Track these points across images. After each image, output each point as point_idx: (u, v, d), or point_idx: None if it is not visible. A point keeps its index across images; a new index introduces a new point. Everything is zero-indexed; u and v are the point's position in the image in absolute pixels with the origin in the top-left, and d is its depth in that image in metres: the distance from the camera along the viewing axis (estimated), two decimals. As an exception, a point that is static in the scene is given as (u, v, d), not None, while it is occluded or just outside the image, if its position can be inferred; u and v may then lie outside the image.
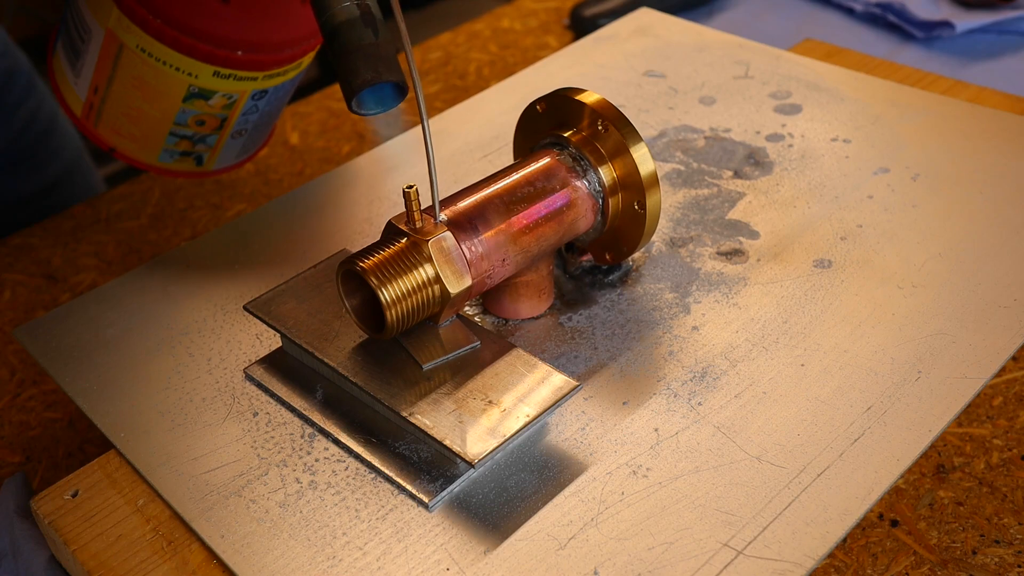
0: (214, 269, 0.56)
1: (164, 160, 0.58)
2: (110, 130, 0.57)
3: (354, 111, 0.43)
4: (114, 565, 0.41)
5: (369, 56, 0.41)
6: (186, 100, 0.54)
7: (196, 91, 0.54)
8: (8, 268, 0.70)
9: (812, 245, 0.53)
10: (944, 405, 0.43)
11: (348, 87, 0.41)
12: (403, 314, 0.42)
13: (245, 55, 0.53)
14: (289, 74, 0.57)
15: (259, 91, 0.56)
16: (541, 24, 0.97)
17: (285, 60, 0.55)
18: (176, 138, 0.57)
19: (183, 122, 0.56)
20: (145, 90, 0.54)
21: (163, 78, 0.53)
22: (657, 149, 0.62)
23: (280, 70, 0.56)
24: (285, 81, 0.57)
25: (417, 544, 0.39)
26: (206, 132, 0.57)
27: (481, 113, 0.68)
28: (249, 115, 0.57)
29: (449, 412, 0.41)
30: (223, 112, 0.56)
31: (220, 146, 0.59)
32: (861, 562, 0.45)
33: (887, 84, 0.67)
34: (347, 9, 0.42)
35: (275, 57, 0.55)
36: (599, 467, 0.42)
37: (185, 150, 0.58)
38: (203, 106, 0.55)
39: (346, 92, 0.42)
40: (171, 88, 0.54)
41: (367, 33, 0.41)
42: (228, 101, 0.55)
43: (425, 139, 0.42)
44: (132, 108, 0.55)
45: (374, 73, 0.41)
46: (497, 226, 0.45)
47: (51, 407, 0.58)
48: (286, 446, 0.44)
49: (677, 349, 0.47)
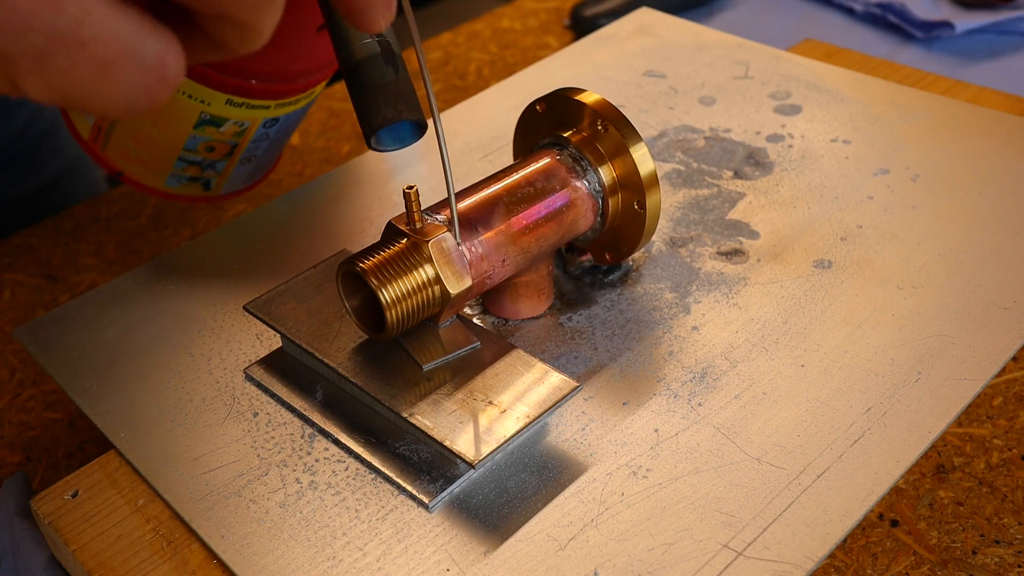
0: (214, 269, 0.56)
1: (171, 184, 0.58)
2: (118, 154, 0.57)
3: (372, 148, 0.43)
4: (114, 565, 0.41)
5: (389, 94, 0.41)
6: (197, 127, 0.54)
7: (207, 118, 0.53)
8: (8, 268, 0.70)
9: (812, 245, 0.53)
10: (944, 406, 0.43)
11: (368, 124, 0.41)
12: (403, 315, 0.42)
13: (259, 84, 0.52)
14: (301, 102, 0.57)
15: (271, 119, 0.55)
16: (541, 24, 0.97)
17: (298, 89, 0.55)
18: (185, 163, 0.56)
19: (193, 148, 0.55)
20: (156, 116, 0.53)
21: (175, 104, 0.53)
22: (657, 149, 0.62)
23: (293, 99, 0.55)
24: (297, 109, 0.57)
25: (417, 545, 0.39)
26: (215, 158, 0.57)
27: (481, 113, 0.68)
28: (259, 142, 0.57)
29: (449, 413, 0.41)
30: (234, 139, 0.56)
31: (229, 172, 0.58)
32: (861, 562, 0.45)
33: (887, 84, 0.67)
34: (368, 46, 0.42)
35: (289, 87, 0.54)
36: (599, 468, 0.42)
37: (193, 175, 0.58)
38: (214, 133, 0.55)
39: (365, 129, 0.42)
40: (182, 114, 0.53)
41: (387, 71, 0.41)
42: (239, 128, 0.55)
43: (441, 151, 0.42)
44: (141, 133, 0.55)
45: (394, 112, 0.41)
46: (497, 226, 0.45)
47: (51, 407, 0.58)
48: (286, 446, 0.44)
49: (677, 349, 0.47)
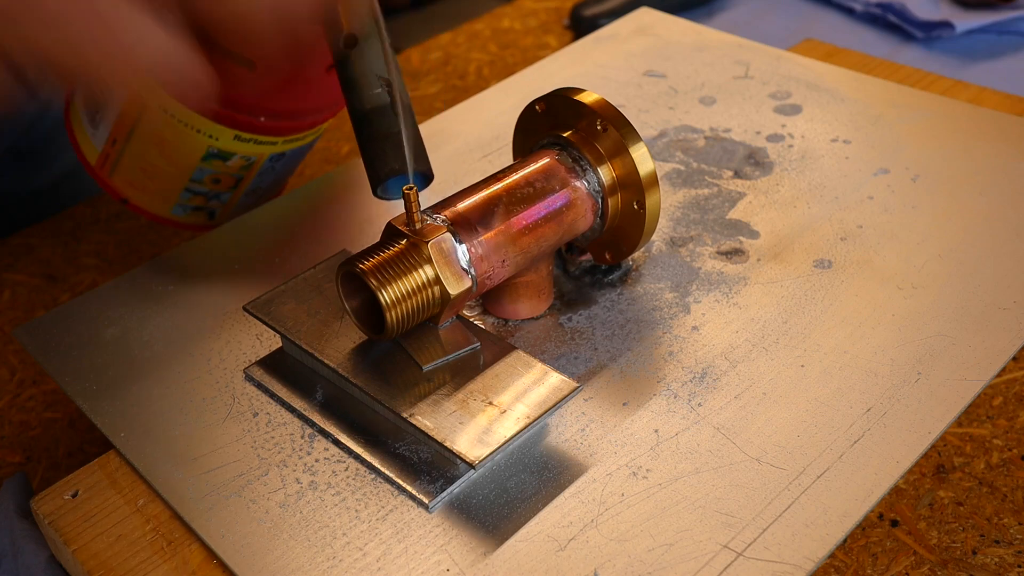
0: (214, 269, 0.56)
1: (176, 213, 0.58)
2: (124, 182, 0.57)
3: (379, 196, 0.43)
4: (114, 565, 0.41)
5: (397, 145, 0.41)
6: (204, 160, 0.54)
7: (215, 152, 0.54)
8: (8, 268, 0.70)
9: (812, 245, 0.53)
10: (944, 407, 0.43)
11: (375, 174, 0.41)
12: (403, 315, 0.42)
13: (267, 122, 0.53)
14: (308, 138, 0.57)
15: (277, 154, 0.56)
16: (541, 24, 0.97)
17: (306, 127, 0.55)
18: (191, 194, 0.57)
19: (200, 179, 0.56)
20: (164, 147, 0.54)
21: (183, 138, 0.53)
22: (657, 149, 0.62)
23: (300, 135, 0.55)
24: (303, 144, 0.57)
25: (417, 545, 0.39)
26: (221, 190, 0.57)
27: (481, 113, 0.68)
28: (265, 175, 0.57)
29: (449, 413, 0.41)
30: (240, 172, 0.56)
31: (233, 203, 0.59)
32: (861, 562, 0.45)
33: (887, 84, 0.67)
34: (378, 96, 0.42)
35: (297, 124, 0.54)
36: (599, 468, 0.42)
37: (198, 205, 0.58)
38: (221, 166, 0.55)
39: (372, 178, 0.42)
40: (190, 148, 0.53)
41: (395, 121, 0.41)
42: (246, 163, 0.55)
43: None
44: (149, 163, 0.55)
45: (401, 163, 0.41)
46: (497, 227, 0.45)
47: (51, 407, 0.58)
48: (286, 446, 0.44)
49: (677, 349, 0.47)
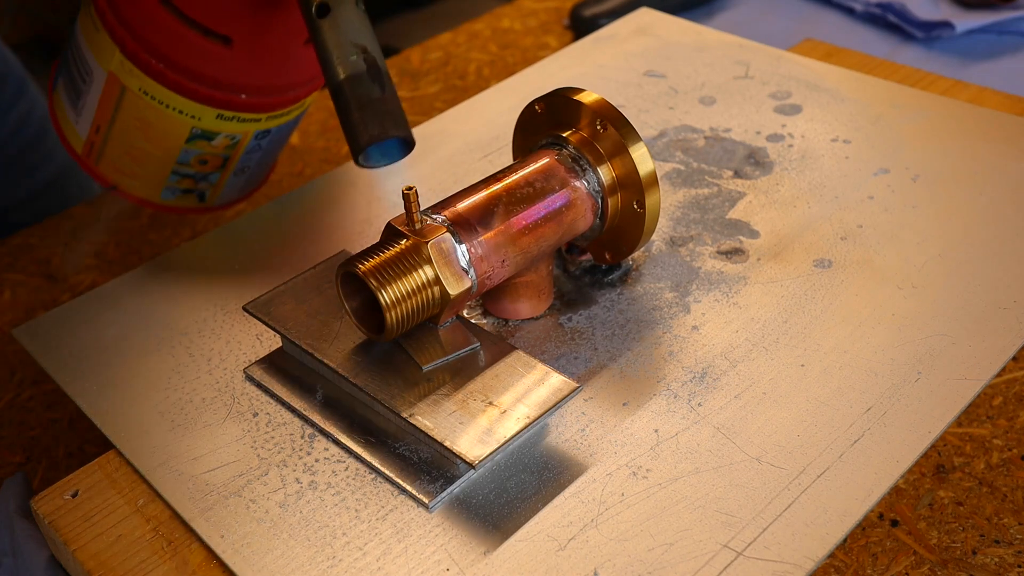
0: (214, 269, 0.56)
1: (166, 197, 0.58)
2: (112, 168, 0.57)
3: (360, 164, 0.42)
4: (114, 565, 0.41)
5: (376, 111, 0.41)
6: (189, 141, 0.54)
7: (199, 132, 0.54)
8: (8, 268, 0.70)
9: (812, 245, 0.53)
10: (944, 407, 0.43)
11: (355, 142, 0.41)
12: (403, 316, 0.42)
13: (249, 98, 0.53)
14: (292, 114, 0.57)
15: (262, 131, 0.56)
16: (541, 24, 0.97)
17: (288, 101, 0.55)
18: (178, 176, 0.57)
19: (186, 161, 0.55)
20: (148, 131, 0.54)
21: (166, 120, 0.53)
22: (657, 149, 0.62)
23: (283, 111, 0.55)
24: (288, 120, 0.57)
25: (417, 544, 0.39)
26: (209, 171, 0.57)
27: (481, 113, 0.68)
28: (252, 154, 0.57)
29: (449, 413, 0.41)
30: (226, 152, 0.56)
31: (223, 183, 0.59)
32: (861, 562, 0.45)
33: (887, 84, 0.67)
34: (353, 63, 0.41)
35: (278, 99, 0.54)
36: (599, 468, 0.42)
37: (187, 187, 0.58)
38: (206, 146, 0.55)
39: (352, 146, 0.41)
40: (174, 129, 0.53)
41: (374, 88, 0.41)
42: (231, 142, 0.55)
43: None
44: (134, 148, 0.55)
45: (380, 129, 0.40)
46: (497, 227, 0.45)
47: (51, 407, 0.58)
48: (286, 446, 0.44)
49: (677, 349, 0.47)
